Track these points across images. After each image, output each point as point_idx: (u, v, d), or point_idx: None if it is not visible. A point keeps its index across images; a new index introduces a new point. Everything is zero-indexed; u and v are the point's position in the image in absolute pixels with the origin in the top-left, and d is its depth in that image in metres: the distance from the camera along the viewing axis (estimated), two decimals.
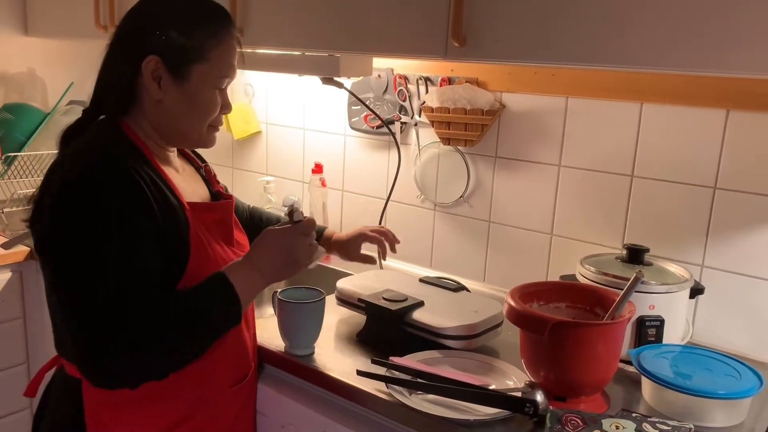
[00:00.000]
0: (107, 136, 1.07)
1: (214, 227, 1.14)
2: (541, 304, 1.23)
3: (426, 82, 1.74)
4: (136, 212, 0.99)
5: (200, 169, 1.26)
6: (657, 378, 1.11)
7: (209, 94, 1.09)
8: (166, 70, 1.05)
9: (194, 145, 1.18)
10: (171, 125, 1.10)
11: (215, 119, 1.13)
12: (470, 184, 1.73)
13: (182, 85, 1.06)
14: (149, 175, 1.04)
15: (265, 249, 1.10)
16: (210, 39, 1.06)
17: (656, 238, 1.45)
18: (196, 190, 1.19)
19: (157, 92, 1.06)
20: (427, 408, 1.08)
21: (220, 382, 1.16)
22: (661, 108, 1.42)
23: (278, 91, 2.12)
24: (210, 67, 1.07)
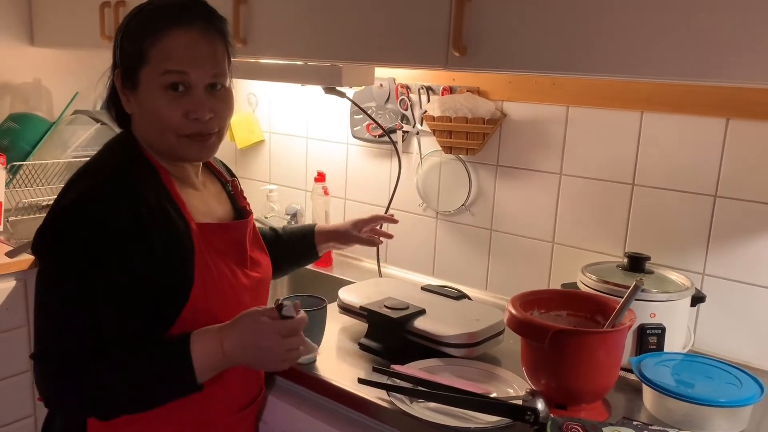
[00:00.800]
0: (121, 152, 1.06)
1: (226, 248, 1.11)
2: (542, 312, 1.23)
3: (427, 91, 1.75)
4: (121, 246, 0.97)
5: (227, 184, 1.22)
6: (658, 386, 1.11)
7: (159, 99, 1.01)
8: (122, 82, 1.04)
9: (176, 158, 1.08)
10: (146, 139, 1.07)
11: (184, 127, 1.02)
12: (472, 193, 1.74)
13: (137, 94, 1.03)
14: (157, 197, 1.02)
15: (239, 336, 0.99)
16: (145, 39, 1.01)
17: (657, 247, 1.45)
18: (213, 210, 1.15)
19: (127, 105, 1.05)
20: (428, 416, 1.08)
21: (225, 407, 1.13)
22: (661, 117, 1.43)
23: (281, 100, 2.14)
24: (151, 68, 1.01)
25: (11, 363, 1.83)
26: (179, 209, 1.05)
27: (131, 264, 0.97)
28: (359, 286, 1.53)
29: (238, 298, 1.11)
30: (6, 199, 2.04)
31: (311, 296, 1.32)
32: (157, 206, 1.01)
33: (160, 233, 1.00)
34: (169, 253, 1.01)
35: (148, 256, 0.99)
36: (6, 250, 1.81)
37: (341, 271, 1.91)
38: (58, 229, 0.98)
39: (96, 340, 0.96)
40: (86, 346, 0.95)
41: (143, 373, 0.97)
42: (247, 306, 1.11)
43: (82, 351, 0.95)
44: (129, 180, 1.01)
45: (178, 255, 1.02)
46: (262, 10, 1.56)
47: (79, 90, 2.29)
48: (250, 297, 1.14)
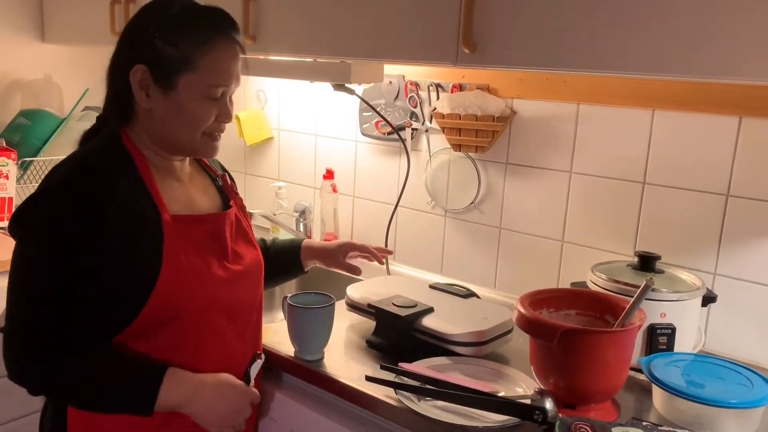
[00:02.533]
0: (103, 145, 1.09)
1: (204, 240, 1.13)
2: (551, 311, 1.22)
3: (437, 88, 1.75)
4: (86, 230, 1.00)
5: (217, 179, 1.25)
6: (668, 386, 1.10)
7: (198, 104, 1.08)
8: (152, 80, 1.05)
9: (189, 153, 1.15)
10: (163, 135, 1.10)
11: (211, 127, 1.11)
12: (481, 191, 1.73)
13: (169, 94, 1.06)
14: (131, 186, 1.06)
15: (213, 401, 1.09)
16: (198, 48, 1.05)
17: (668, 246, 1.44)
18: (196, 202, 1.17)
19: (145, 101, 1.07)
20: (435, 414, 1.08)
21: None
22: (673, 115, 1.42)
23: (290, 97, 2.14)
24: (198, 76, 1.06)
25: None
26: (152, 198, 1.07)
27: (94, 250, 1.01)
28: (367, 284, 1.53)
29: (210, 289, 1.11)
30: (16, 194, 2.05)
31: (319, 293, 1.32)
32: (128, 194, 1.05)
33: (129, 221, 1.03)
34: (137, 242, 1.04)
35: (111, 242, 1.02)
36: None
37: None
38: (24, 214, 1.03)
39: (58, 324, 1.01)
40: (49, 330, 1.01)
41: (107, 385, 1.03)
42: (221, 299, 1.13)
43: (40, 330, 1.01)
44: (100, 168, 1.05)
45: (145, 243, 1.05)
46: (272, 7, 1.56)
47: (89, 86, 2.29)
48: (226, 289, 1.14)
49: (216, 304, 1.11)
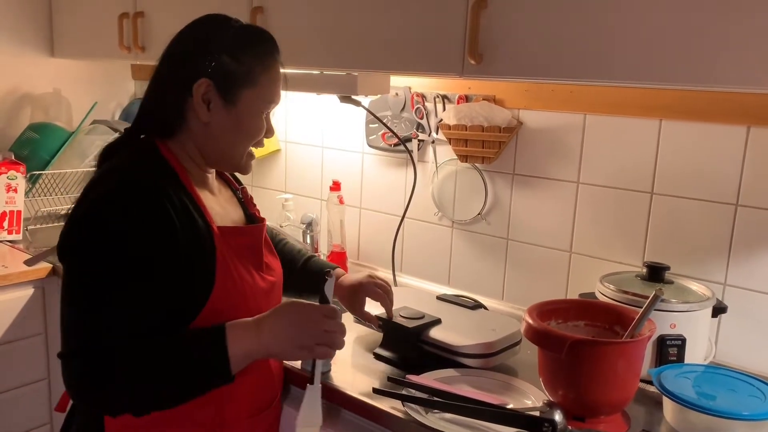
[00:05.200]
0: (143, 157, 1.08)
1: (244, 252, 1.13)
2: (560, 322, 1.21)
3: (443, 99, 1.75)
4: (150, 244, 0.98)
5: (237, 191, 1.26)
6: (679, 398, 1.08)
7: (256, 119, 1.10)
8: (216, 94, 1.06)
9: (234, 169, 1.17)
10: (216, 148, 1.10)
11: (257, 143, 1.14)
12: (488, 202, 1.72)
13: (231, 109, 1.07)
14: (180, 199, 1.04)
15: (282, 320, 1.04)
16: (259, 64, 1.08)
17: (677, 256, 1.43)
18: (229, 214, 1.18)
19: (205, 115, 1.07)
20: (443, 427, 1.07)
21: (241, 409, 1.12)
22: (680, 125, 1.41)
23: (297, 109, 2.14)
24: (258, 92, 1.08)
25: (28, 371, 1.84)
26: (201, 212, 1.07)
27: (157, 265, 0.99)
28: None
29: (257, 300, 1.12)
30: (25, 207, 2.07)
31: None
32: (181, 208, 1.03)
33: (185, 235, 1.02)
34: (192, 255, 1.03)
35: (172, 257, 1.00)
36: (25, 258, 1.83)
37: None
38: (85, 228, 0.99)
39: (123, 336, 0.97)
40: (115, 342, 0.97)
41: (176, 368, 0.99)
42: (263, 309, 1.12)
43: (111, 347, 0.96)
44: (154, 182, 1.03)
45: (201, 257, 1.04)
46: (278, 19, 1.57)
47: (98, 100, 2.32)
48: (266, 300, 1.15)
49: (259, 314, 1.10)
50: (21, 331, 1.81)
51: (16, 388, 1.82)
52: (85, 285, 0.98)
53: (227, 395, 1.07)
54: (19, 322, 1.80)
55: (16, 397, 1.82)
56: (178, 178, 1.07)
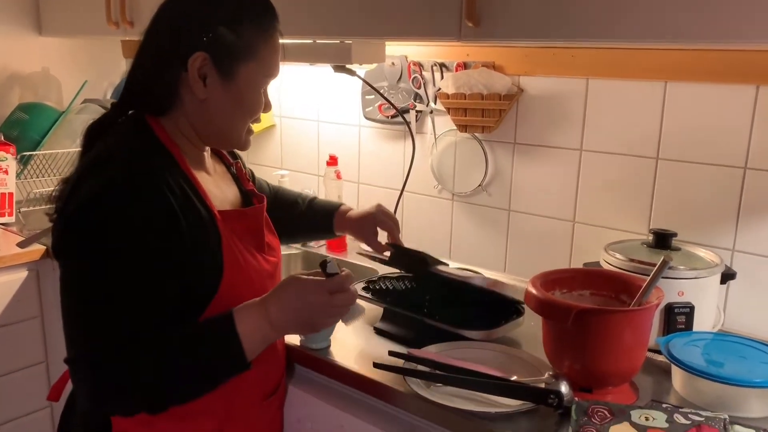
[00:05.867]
0: (137, 139, 1.01)
1: (245, 234, 1.08)
2: (564, 292, 1.18)
3: (441, 68, 1.70)
4: (155, 236, 0.92)
5: (231, 167, 1.20)
6: (688, 367, 1.05)
7: (255, 94, 1.04)
8: (213, 68, 0.99)
9: (233, 146, 1.11)
10: (213, 126, 1.04)
11: (256, 119, 1.08)
12: (488, 172, 1.68)
13: (229, 84, 1.01)
14: (179, 184, 0.97)
15: (286, 301, 0.97)
16: (259, 36, 1.01)
17: (684, 223, 1.39)
18: (226, 194, 1.13)
19: (202, 91, 1.00)
20: (446, 400, 1.04)
21: (252, 396, 1.10)
22: (686, 86, 1.36)
23: (291, 83, 2.09)
24: (258, 65, 1.02)
25: (25, 354, 1.82)
26: (201, 197, 1.01)
27: (163, 256, 0.93)
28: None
29: (263, 283, 1.08)
30: (17, 190, 2.03)
31: None
32: (181, 195, 0.97)
33: (188, 222, 0.96)
34: (198, 243, 0.97)
35: (178, 246, 0.95)
36: (17, 241, 1.80)
37: (356, 256, 1.87)
38: (84, 223, 0.91)
39: (134, 336, 0.91)
40: (126, 343, 0.91)
41: (190, 360, 0.94)
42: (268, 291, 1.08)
43: (121, 348, 0.91)
44: (152, 168, 0.96)
45: (207, 244, 0.99)
46: None
47: (88, 79, 2.27)
48: (271, 282, 1.11)
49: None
50: (17, 315, 1.78)
51: (14, 372, 1.80)
52: (89, 285, 0.91)
53: (237, 384, 1.01)
54: (15, 306, 1.77)
55: (14, 381, 1.80)
56: (174, 160, 1.01)
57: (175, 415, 1.00)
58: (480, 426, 1.00)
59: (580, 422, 0.96)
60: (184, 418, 1.02)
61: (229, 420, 1.07)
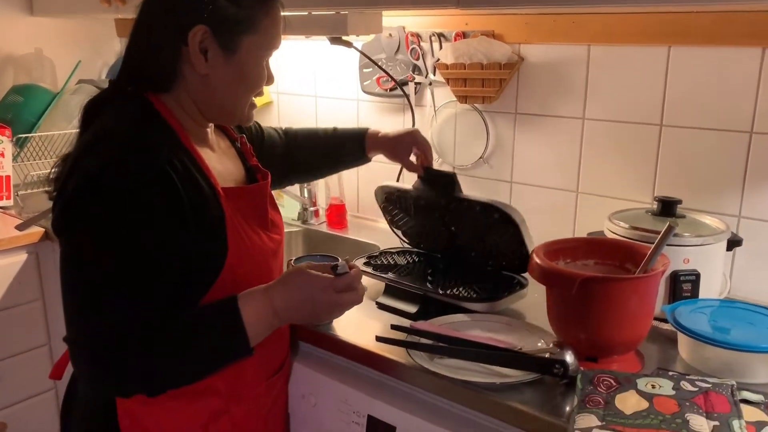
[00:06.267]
0: (137, 116, 0.97)
1: (248, 212, 1.06)
2: (568, 261, 1.16)
3: (439, 38, 1.67)
4: (156, 215, 0.90)
5: (236, 141, 1.17)
6: (695, 333, 1.04)
7: (258, 67, 1.01)
8: (214, 42, 0.96)
9: (236, 121, 1.08)
10: (216, 102, 1.01)
11: (259, 92, 1.05)
12: (490, 144, 1.66)
13: (231, 57, 0.98)
14: (182, 161, 0.95)
15: (291, 293, 0.96)
16: (261, 8, 0.98)
17: (689, 190, 1.37)
18: (230, 170, 1.10)
19: (203, 66, 0.97)
20: (450, 372, 1.03)
21: (257, 375, 1.10)
22: (689, 50, 1.33)
23: (288, 58, 2.06)
24: (260, 38, 0.99)
25: (28, 337, 1.82)
26: (205, 174, 0.99)
27: (165, 235, 0.91)
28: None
29: (267, 262, 1.07)
30: (15, 173, 2.01)
31: (325, 255, 1.27)
32: (184, 173, 0.95)
33: (190, 201, 0.94)
34: (201, 221, 0.95)
35: (181, 225, 0.93)
36: (16, 224, 1.79)
37: (357, 232, 1.86)
38: (84, 202, 0.89)
39: (134, 317, 0.90)
40: (126, 324, 0.89)
41: (193, 345, 0.92)
42: (273, 270, 1.07)
43: (121, 329, 0.89)
44: (153, 145, 0.94)
45: (210, 222, 0.97)
46: None
47: (81, 59, 2.24)
48: (274, 260, 1.10)
49: (270, 276, 1.05)
50: (18, 298, 1.78)
51: (17, 355, 1.80)
52: (90, 263, 0.89)
53: (241, 365, 1.00)
54: (16, 289, 1.77)
55: (18, 364, 1.80)
56: (178, 138, 0.98)
57: (181, 394, 0.99)
58: (484, 397, 0.99)
59: (586, 391, 0.95)
60: (190, 398, 1.01)
61: (235, 399, 1.06)
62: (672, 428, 0.85)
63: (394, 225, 1.50)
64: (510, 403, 0.97)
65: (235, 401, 1.06)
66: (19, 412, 1.81)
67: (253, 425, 1.11)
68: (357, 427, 1.14)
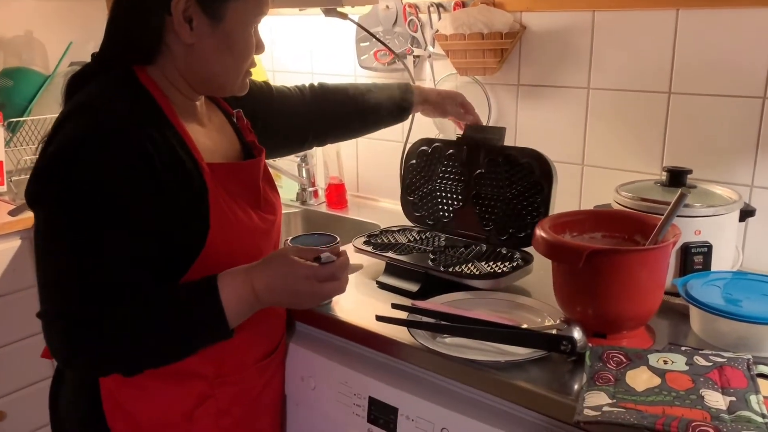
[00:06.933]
0: (121, 89, 0.94)
1: (238, 189, 1.02)
2: (575, 234, 1.12)
3: (438, 8, 1.61)
4: (129, 188, 0.87)
5: (231, 116, 1.13)
6: (708, 306, 1.00)
7: (246, 34, 0.97)
8: (198, 9, 0.92)
9: (230, 92, 1.03)
10: (205, 72, 0.97)
11: (252, 62, 1.01)
12: (492, 117, 1.61)
13: (217, 25, 0.94)
14: (164, 136, 0.91)
15: (272, 279, 0.93)
16: None
17: (699, 160, 1.32)
18: (221, 146, 1.06)
19: (188, 35, 0.93)
20: (453, 351, 0.99)
21: (245, 359, 1.07)
22: (699, 13, 1.28)
23: (283, 36, 2.01)
24: (246, 3, 0.95)
25: (23, 325, 1.79)
26: (188, 148, 0.95)
27: (141, 207, 0.88)
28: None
29: (256, 242, 1.03)
30: (7, 158, 1.97)
31: (322, 234, 1.23)
32: (165, 146, 0.91)
33: (171, 176, 0.90)
34: (181, 196, 0.92)
35: (158, 198, 0.89)
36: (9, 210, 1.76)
37: (357, 212, 1.82)
38: (58, 171, 0.86)
39: (108, 292, 0.86)
40: (99, 299, 0.86)
41: (169, 324, 0.89)
42: (263, 251, 1.03)
43: (95, 304, 0.86)
44: (132, 116, 0.90)
45: (192, 198, 0.93)
46: None
47: (73, 40, 2.19)
48: (266, 241, 1.06)
49: (260, 256, 1.00)
50: (13, 284, 1.75)
51: (14, 342, 1.77)
52: (62, 234, 0.86)
53: (227, 348, 0.98)
54: (10, 275, 1.73)
55: (14, 352, 1.77)
56: (162, 112, 0.95)
57: (165, 378, 0.96)
58: (489, 376, 0.95)
59: (595, 368, 0.91)
60: (175, 382, 0.99)
61: (220, 383, 1.03)
62: (686, 405, 0.81)
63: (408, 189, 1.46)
64: (516, 382, 0.93)
65: (220, 385, 1.03)
66: (17, 401, 1.79)
67: (241, 409, 1.08)
68: (358, 409, 1.10)
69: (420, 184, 1.44)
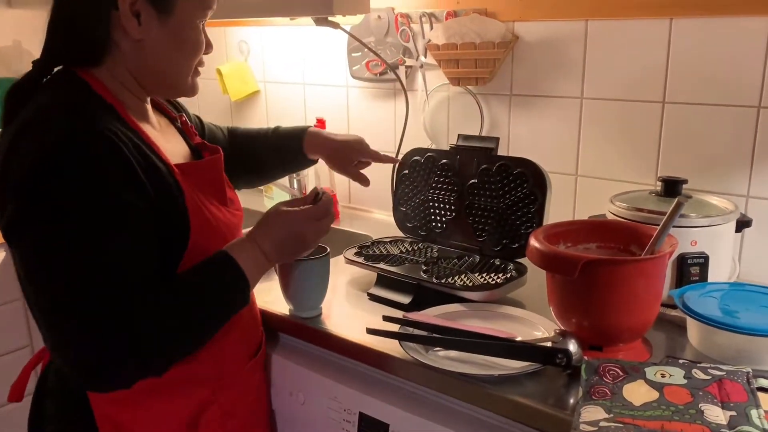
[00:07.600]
0: (71, 95, 0.89)
1: (207, 188, 1.01)
2: (569, 245, 1.10)
3: (430, 18, 1.60)
4: (123, 188, 0.84)
5: (175, 120, 1.10)
6: (705, 318, 0.98)
7: (195, 30, 0.95)
8: (146, 3, 0.90)
9: (180, 93, 1.00)
10: (155, 70, 0.94)
11: (201, 60, 0.99)
12: (484, 127, 1.59)
13: (166, 19, 0.91)
14: (129, 138, 0.88)
15: (271, 230, 0.99)
16: None
17: (694, 170, 1.31)
18: (176, 148, 1.04)
19: (136, 30, 0.90)
20: (445, 365, 0.97)
21: (239, 358, 1.05)
22: (693, 22, 1.27)
23: (274, 46, 1.99)
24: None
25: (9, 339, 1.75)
26: (154, 150, 0.93)
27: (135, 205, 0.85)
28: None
29: (231, 236, 1.01)
30: None
31: None
32: (135, 149, 0.88)
33: (148, 176, 0.88)
34: (162, 199, 0.89)
35: (144, 201, 0.86)
36: None
37: (349, 223, 1.79)
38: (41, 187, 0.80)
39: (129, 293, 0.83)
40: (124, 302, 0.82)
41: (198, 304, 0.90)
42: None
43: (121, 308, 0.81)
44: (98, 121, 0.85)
45: (171, 199, 0.91)
46: None
47: None
48: (237, 235, 1.05)
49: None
50: None
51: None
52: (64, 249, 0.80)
53: (224, 348, 1.00)
54: None
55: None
56: (117, 114, 0.90)
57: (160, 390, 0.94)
58: (483, 390, 0.93)
59: (591, 382, 0.89)
60: (171, 392, 0.96)
61: (222, 386, 1.02)
62: (686, 419, 0.78)
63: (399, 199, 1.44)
64: (510, 396, 0.90)
65: (222, 388, 1.02)
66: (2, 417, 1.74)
67: (243, 415, 1.07)
68: (348, 425, 1.07)
69: (412, 194, 1.42)
